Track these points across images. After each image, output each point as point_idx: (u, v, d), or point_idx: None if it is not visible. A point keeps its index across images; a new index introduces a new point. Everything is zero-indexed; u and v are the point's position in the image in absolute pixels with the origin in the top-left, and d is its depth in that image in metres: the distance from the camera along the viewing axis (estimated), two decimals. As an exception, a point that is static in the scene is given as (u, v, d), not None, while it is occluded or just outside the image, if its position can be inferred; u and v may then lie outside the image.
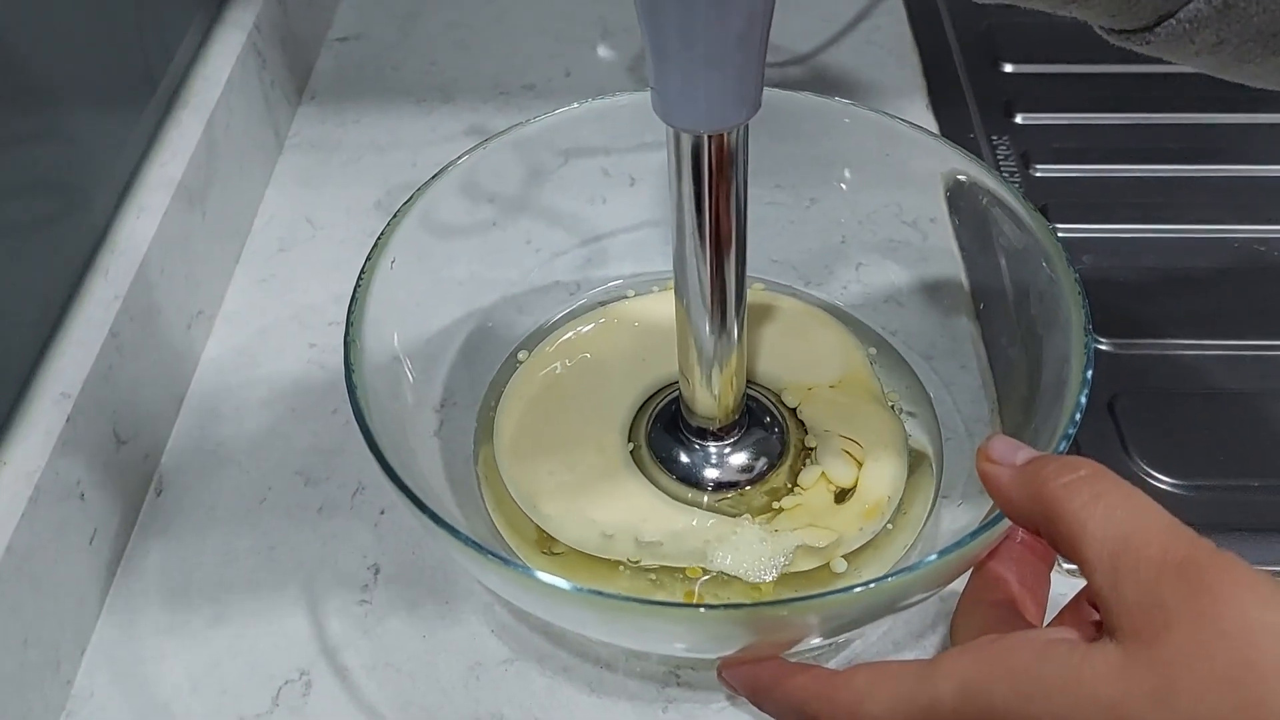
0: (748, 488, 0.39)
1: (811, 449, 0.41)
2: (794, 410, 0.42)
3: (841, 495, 0.39)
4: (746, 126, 0.31)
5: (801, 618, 0.29)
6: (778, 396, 0.43)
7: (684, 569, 0.37)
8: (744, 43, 0.28)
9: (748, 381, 0.43)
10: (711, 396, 0.38)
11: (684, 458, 0.40)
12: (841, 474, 0.39)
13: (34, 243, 0.39)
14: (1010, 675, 0.25)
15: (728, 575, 0.37)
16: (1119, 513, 0.25)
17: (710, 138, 0.31)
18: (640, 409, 0.43)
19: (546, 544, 0.38)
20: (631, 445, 0.41)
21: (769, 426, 0.41)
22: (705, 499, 0.39)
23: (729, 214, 0.33)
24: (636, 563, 0.37)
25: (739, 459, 0.40)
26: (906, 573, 0.29)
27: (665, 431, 0.41)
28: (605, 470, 0.40)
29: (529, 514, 0.39)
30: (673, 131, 0.31)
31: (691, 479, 0.40)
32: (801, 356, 0.44)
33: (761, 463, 0.40)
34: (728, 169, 0.32)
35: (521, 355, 0.45)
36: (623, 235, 0.49)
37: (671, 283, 0.47)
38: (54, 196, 0.41)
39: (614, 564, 0.37)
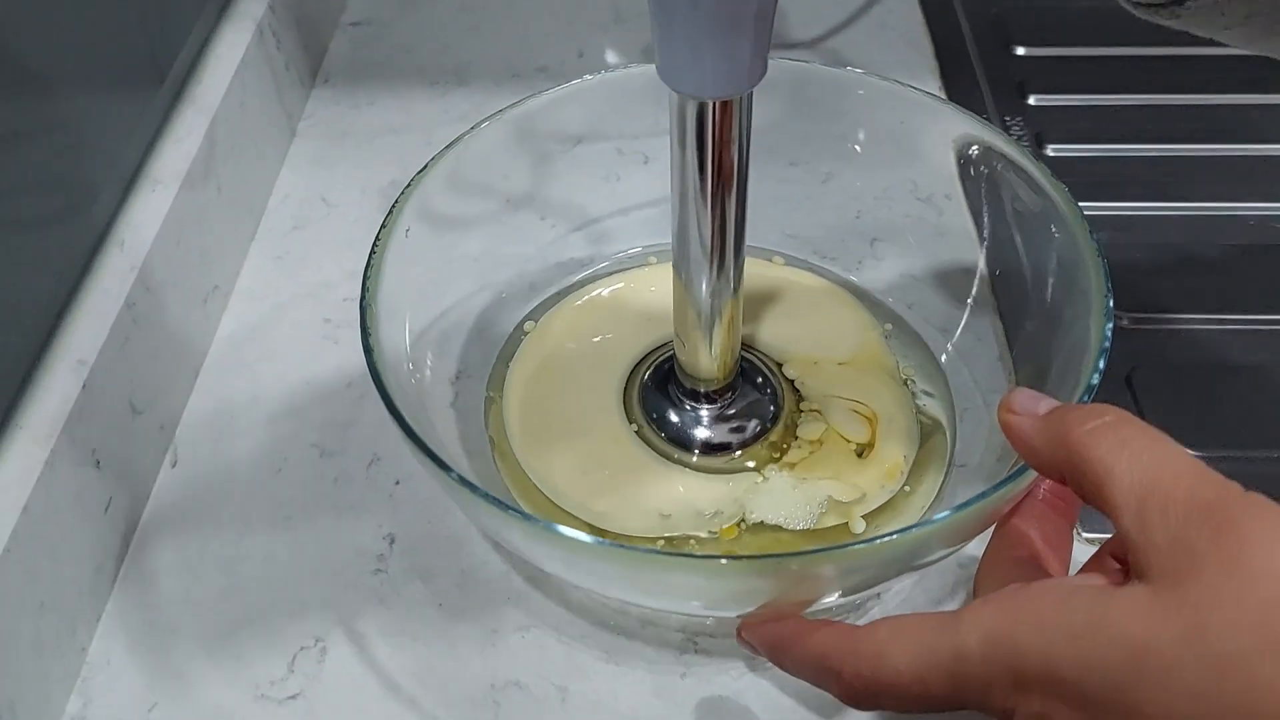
0: (739, 451, 0.39)
1: (814, 410, 0.41)
2: (791, 382, 0.42)
3: (861, 452, 0.39)
4: (751, 93, 0.31)
5: (822, 569, 0.29)
6: (777, 366, 0.43)
7: (718, 533, 0.37)
8: (752, 6, 0.28)
9: (748, 347, 0.43)
10: (710, 358, 0.38)
11: (676, 418, 0.41)
12: (855, 431, 0.39)
13: (51, 212, 0.40)
14: (1036, 620, 0.25)
15: (768, 524, 0.37)
16: (1145, 456, 0.25)
17: (715, 104, 0.31)
18: (631, 377, 0.43)
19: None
20: (635, 426, 0.41)
21: (761, 388, 0.41)
22: (708, 461, 0.39)
23: (732, 181, 0.33)
24: (700, 536, 0.37)
25: (734, 420, 0.40)
26: (929, 525, 0.29)
27: (660, 398, 0.41)
28: (629, 455, 0.40)
29: (583, 516, 0.38)
30: (677, 97, 0.31)
31: (685, 441, 0.40)
32: (813, 332, 0.44)
33: (754, 424, 0.40)
34: (732, 136, 0.32)
35: (528, 326, 0.45)
36: (635, 212, 0.49)
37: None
38: (71, 168, 0.41)
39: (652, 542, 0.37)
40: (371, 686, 0.36)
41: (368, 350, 0.34)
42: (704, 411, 0.40)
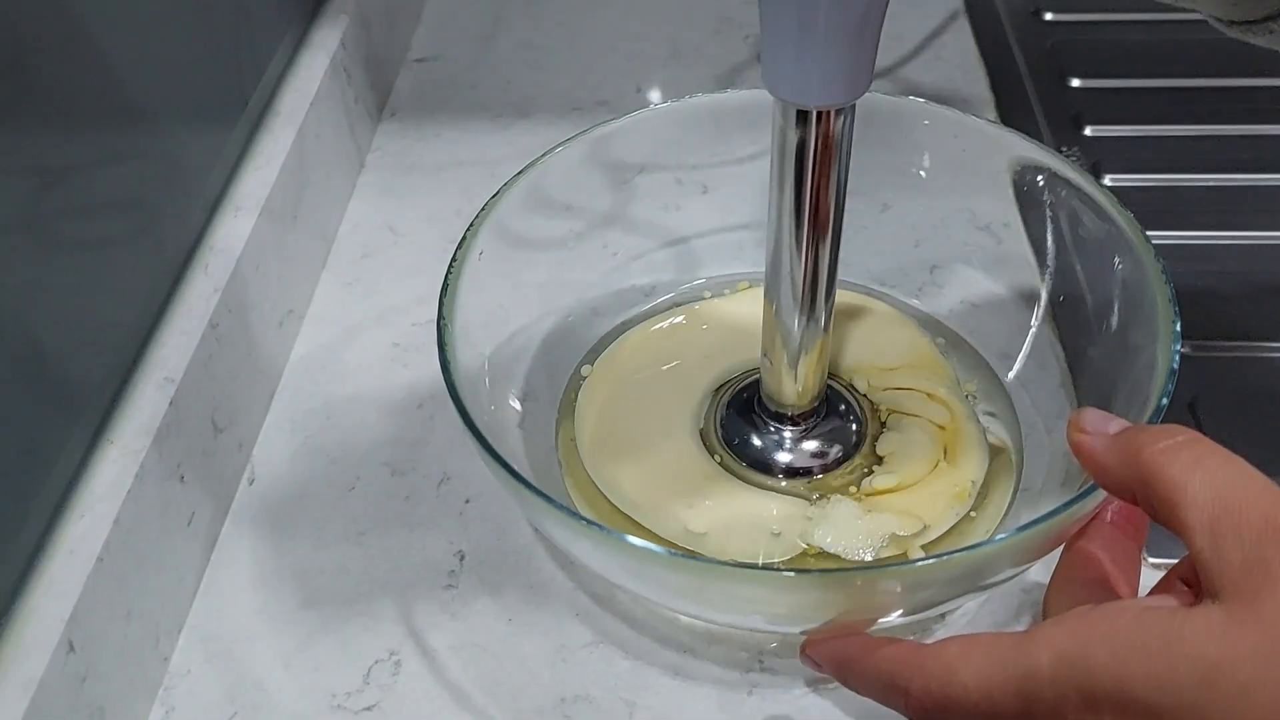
0: (820, 475, 0.40)
1: (894, 412, 0.42)
2: (866, 395, 0.43)
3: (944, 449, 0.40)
4: (854, 106, 0.32)
5: (887, 584, 0.29)
6: (848, 383, 0.43)
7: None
8: (865, 15, 0.28)
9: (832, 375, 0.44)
10: (794, 381, 0.39)
11: (759, 443, 0.41)
12: (936, 413, 0.40)
13: (141, 237, 0.41)
14: (1108, 640, 0.25)
15: (828, 552, 0.37)
16: (1220, 476, 0.26)
17: (820, 113, 0.31)
18: (709, 403, 0.43)
19: None
20: (712, 449, 0.42)
21: (844, 415, 0.42)
22: (793, 484, 0.40)
23: (829, 194, 0.33)
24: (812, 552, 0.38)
25: (815, 444, 0.41)
26: (995, 543, 0.29)
27: (742, 422, 0.42)
28: (711, 476, 0.41)
29: (684, 544, 0.39)
30: (779, 106, 0.32)
31: (768, 465, 0.40)
32: (868, 346, 0.45)
33: (836, 450, 0.41)
34: (834, 147, 0.32)
35: (585, 370, 0.45)
36: (695, 241, 0.50)
37: (742, 285, 0.48)
38: (159, 195, 0.43)
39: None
40: (444, 698, 0.37)
41: (445, 365, 0.36)
42: (788, 434, 0.41)
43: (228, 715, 0.37)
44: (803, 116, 0.31)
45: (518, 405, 0.43)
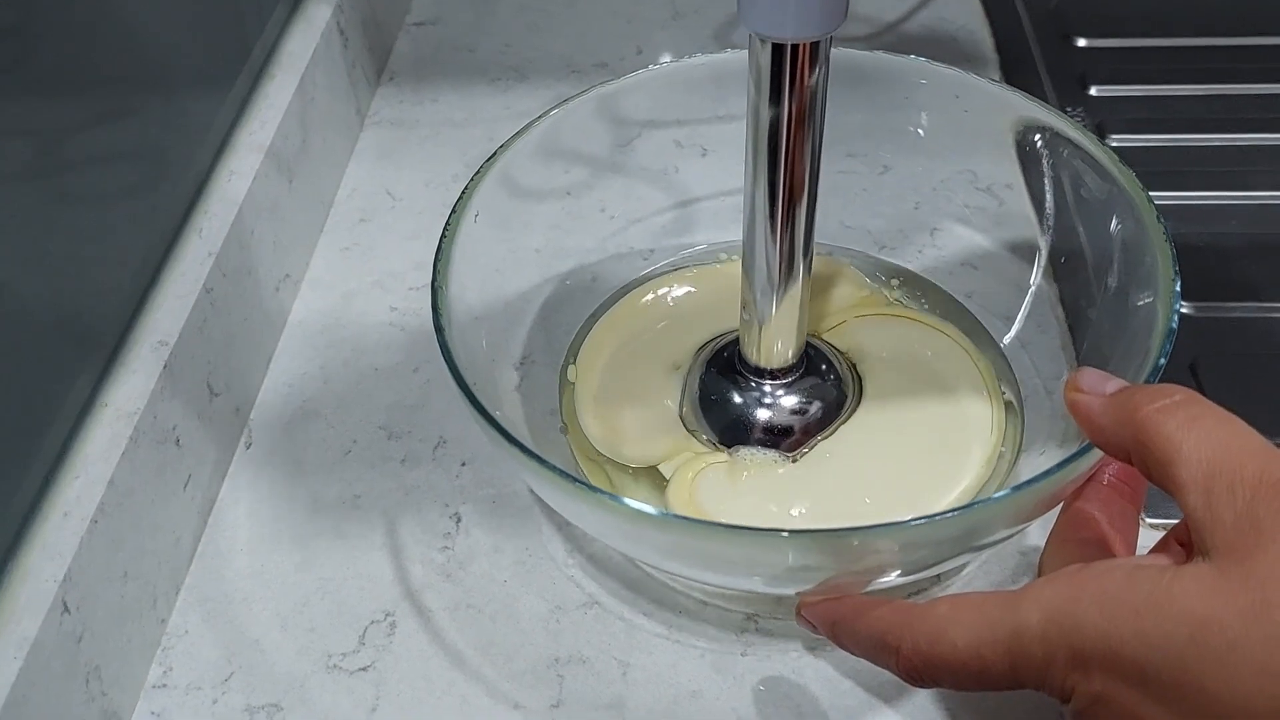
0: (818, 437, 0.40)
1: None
2: (845, 354, 0.43)
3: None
4: (830, 40, 0.31)
5: (881, 544, 0.29)
6: (820, 338, 0.43)
7: None
8: None
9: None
10: (775, 333, 0.38)
11: (739, 399, 0.41)
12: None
13: (135, 199, 0.41)
14: (1098, 599, 0.25)
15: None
16: (1215, 434, 0.25)
17: (795, 47, 0.31)
18: (695, 365, 0.43)
19: None
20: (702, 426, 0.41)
21: (824, 374, 0.41)
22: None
23: (807, 132, 0.33)
24: None
25: (805, 397, 0.40)
26: (990, 502, 0.29)
27: (726, 382, 0.41)
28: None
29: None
30: (756, 40, 0.31)
31: (749, 426, 0.40)
32: (817, 297, 0.45)
33: (816, 407, 0.40)
34: (811, 83, 0.32)
35: (570, 372, 0.44)
36: (695, 204, 0.50)
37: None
38: (153, 158, 0.43)
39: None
40: (439, 659, 0.37)
41: (439, 329, 0.35)
42: (771, 394, 0.40)
43: (225, 675, 0.37)
44: (778, 52, 0.31)
45: (516, 369, 0.43)
